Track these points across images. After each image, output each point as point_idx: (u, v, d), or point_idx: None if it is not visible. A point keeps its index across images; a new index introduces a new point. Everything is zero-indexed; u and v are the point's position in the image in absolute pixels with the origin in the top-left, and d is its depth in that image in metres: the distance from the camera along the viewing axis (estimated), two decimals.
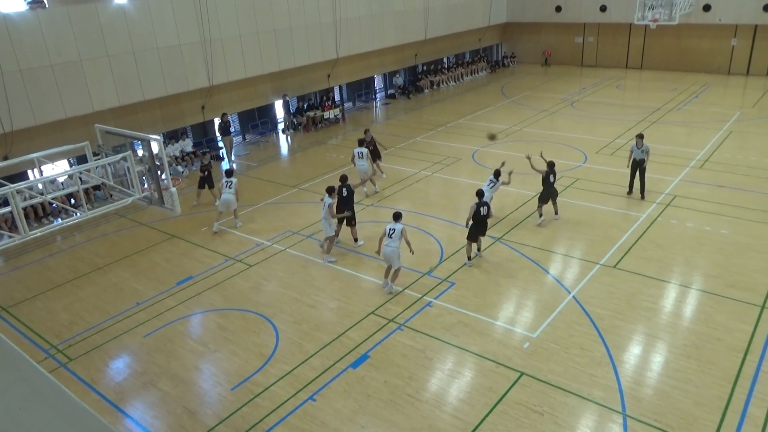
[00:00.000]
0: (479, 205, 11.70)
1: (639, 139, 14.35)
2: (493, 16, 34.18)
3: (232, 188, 14.08)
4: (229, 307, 11.04)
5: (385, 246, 10.90)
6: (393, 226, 10.99)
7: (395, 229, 10.90)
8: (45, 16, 15.03)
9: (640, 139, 14.36)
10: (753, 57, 29.86)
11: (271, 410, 8.28)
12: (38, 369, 1.93)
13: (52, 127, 15.95)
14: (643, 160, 14.30)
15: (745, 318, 9.79)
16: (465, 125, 23.18)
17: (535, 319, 10.10)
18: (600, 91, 28.23)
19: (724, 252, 12.03)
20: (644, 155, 14.29)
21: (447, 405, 8.22)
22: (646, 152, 14.30)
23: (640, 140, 14.34)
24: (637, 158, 14.34)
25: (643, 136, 14.48)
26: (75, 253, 13.86)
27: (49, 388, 1.89)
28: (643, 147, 14.28)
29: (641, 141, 14.33)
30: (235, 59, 19.97)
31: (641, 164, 14.35)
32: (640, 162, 14.32)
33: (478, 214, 11.69)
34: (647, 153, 14.34)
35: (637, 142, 14.36)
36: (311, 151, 21.31)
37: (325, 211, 12.25)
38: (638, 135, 14.49)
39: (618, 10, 31.81)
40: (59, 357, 9.86)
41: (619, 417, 7.80)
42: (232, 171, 14.74)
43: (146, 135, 9.20)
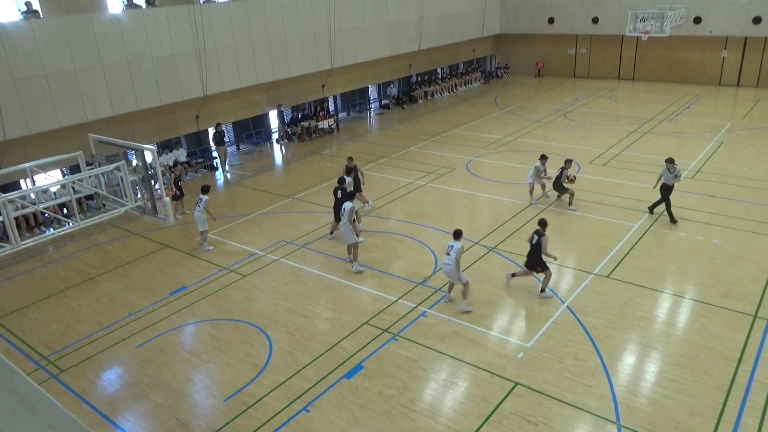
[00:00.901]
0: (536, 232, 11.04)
1: (670, 164, 13.66)
2: (487, 27, 34.45)
3: (200, 206, 13.48)
4: (222, 318, 10.98)
5: (444, 264, 10.62)
6: (452, 243, 10.50)
7: (453, 246, 10.42)
8: (39, 26, 15.03)
9: (671, 163, 13.67)
10: (743, 68, 30.20)
11: (265, 421, 8.21)
12: (24, 378, 1.91)
13: (45, 137, 15.91)
14: (673, 185, 13.76)
15: (738, 327, 9.82)
16: (459, 135, 23.28)
17: (529, 329, 10.09)
18: (592, 102, 28.45)
19: (717, 262, 12.09)
20: (675, 179, 13.69)
21: (441, 415, 8.18)
22: (677, 176, 13.70)
23: (672, 165, 13.67)
24: (668, 183, 13.69)
25: (674, 160, 13.76)
26: (67, 263, 13.77)
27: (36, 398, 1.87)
28: (675, 171, 13.66)
29: (673, 166, 13.67)
30: (230, 69, 20.02)
31: (672, 189, 13.79)
32: (672, 187, 13.75)
33: (531, 242, 11.06)
34: (678, 177, 13.74)
35: (668, 167, 13.68)
36: (305, 161, 21.33)
37: (347, 216, 12.07)
38: (668, 160, 13.76)
39: (610, 22, 32.15)
40: (50, 368, 9.76)
41: (614, 427, 7.79)
42: (207, 188, 13.86)
43: (140, 145, 9.19)
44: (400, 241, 13.85)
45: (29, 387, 1.88)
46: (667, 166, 13.70)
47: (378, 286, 11.74)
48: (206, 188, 13.88)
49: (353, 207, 12.23)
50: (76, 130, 16.34)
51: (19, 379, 1.88)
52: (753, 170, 17.49)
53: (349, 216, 12.07)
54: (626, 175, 17.47)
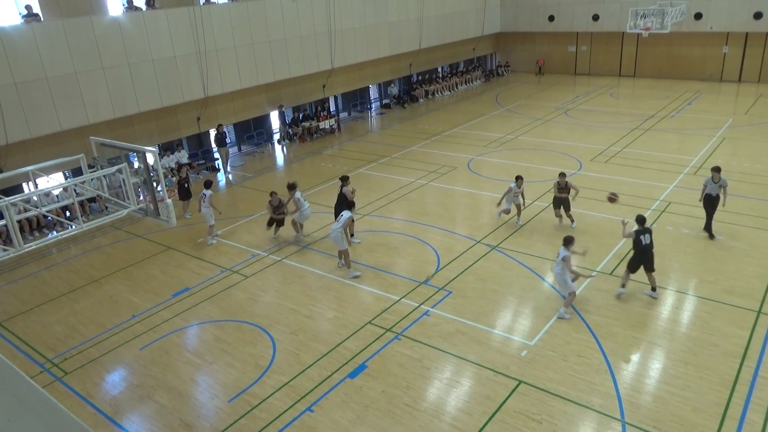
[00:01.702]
0: (640, 232, 10.50)
1: (716, 173, 12.61)
2: (487, 25, 34.42)
3: (205, 201, 13.85)
4: (226, 319, 10.99)
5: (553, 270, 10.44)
6: (560, 250, 10.22)
7: (559, 254, 10.20)
8: (40, 29, 15.06)
9: (716, 173, 12.61)
10: (744, 64, 30.12)
11: (269, 422, 8.22)
12: (27, 380, 1.91)
13: (47, 140, 15.94)
14: (718, 196, 12.72)
15: (742, 323, 9.79)
16: (460, 134, 23.27)
17: (533, 327, 10.08)
18: (593, 100, 28.40)
19: (720, 258, 12.06)
20: (720, 190, 12.67)
21: (445, 414, 8.18)
22: (723, 187, 12.63)
23: (717, 174, 12.60)
24: (712, 193, 12.69)
25: (720, 170, 12.69)
26: (70, 266, 13.80)
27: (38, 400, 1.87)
28: (720, 181, 12.58)
29: (718, 175, 12.59)
30: (230, 70, 20.03)
31: (716, 201, 12.75)
32: (716, 198, 12.73)
33: (640, 243, 10.51)
34: (724, 188, 12.64)
35: (714, 176, 12.63)
36: (307, 161, 21.33)
37: (341, 224, 11.94)
38: (714, 168, 12.71)
39: (610, 19, 32.09)
40: (54, 371, 9.78)
41: (618, 424, 7.78)
42: (209, 183, 14.27)
43: (141, 147, 9.19)
44: (403, 240, 13.85)
45: (31, 389, 1.89)
46: (712, 176, 12.64)
47: (380, 286, 11.74)
48: (208, 183, 14.21)
49: (350, 216, 12.18)
50: (77, 133, 16.38)
51: (22, 382, 1.88)
52: (755, 166, 17.44)
53: (344, 224, 11.93)
54: (628, 172, 17.44)
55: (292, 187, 13.65)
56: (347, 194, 13.44)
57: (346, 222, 11.95)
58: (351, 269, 12.18)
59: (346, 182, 13.66)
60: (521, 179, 13.87)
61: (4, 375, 1.85)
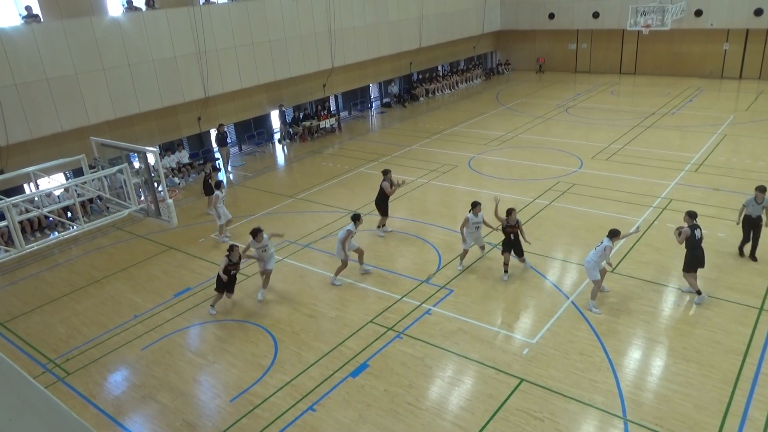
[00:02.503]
0: (694, 227, 10.26)
1: (760, 193, 11.48)
2: (487, 23, 34.38)
3: (219, 201, 14.06)
4: (227, 319, 11.00)
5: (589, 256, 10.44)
6: (604, 240, 10.24)
7: (603, 242, 10.21)
8: (40, 30, 15.07)
9: (761, 193, 11.47)
10: (745, 61, 30.07)
11: (271, 421, 8.22)
12: (29, 380, 1.91)
13: (48, 141, 15.96)
14: (760, 218, 11.58)
15: (744, 320, 9.78)
16: (461, 133, 23.25)
17: (534, 325, 10.08)
18: (594, 97, 28.36)
19: (722, 255, 12.05)
20: (763, 211, 11.55)
21: (447, 413, 8.18)
22: (766, 208, 11.53)
23: (761, 194, 11.47)
24: (753, 215, 11.56)
25: (766, 189, 11.47)
26: (72, 267, 13.81)
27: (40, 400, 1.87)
28: (764, 202, 11.46)
29: (762, 195, 11.47)
30: (231, 70, 20.03)
31: (758, 222, 11.59)
32: (757, 219, 11.58)
33: (694, 238, 10.24)
34: (767, 209, 11.51)
35: (757, 196, 11.52)
36: (307, 160, 21.33)
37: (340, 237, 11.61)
38: (759, 188, 11.53)
39: (611, 17, 32.04)
40: (57, 371, 9.80)
41: (620, 422, 7.77)
42: (219, 183, 14.50)
43: (142, 147, 9.20)
44: (404, 239, 13.84)
45: (33, 388, 1.88)
46: (755, 195, 11.52)
47: (382, 285, 11.74)
48: (219, 184, 14.44)
49: (349, 231, 11.49)
50: (78, 134, 16.38)
51: (23, 381, 1.88)
52: (756, 162, 17.42)
53: (344, 238, 11.51)
54: (629, 170, 17.42)
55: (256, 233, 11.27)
56: (385, 189, 13.51)
57: (344, 236, 11.50)
58: (361, 265, 12.16)
59: (386, 176, 13.59)
60: (479, 205, 11.83)
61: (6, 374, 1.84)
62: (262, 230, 11.13)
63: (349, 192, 17.26)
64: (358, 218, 11.70)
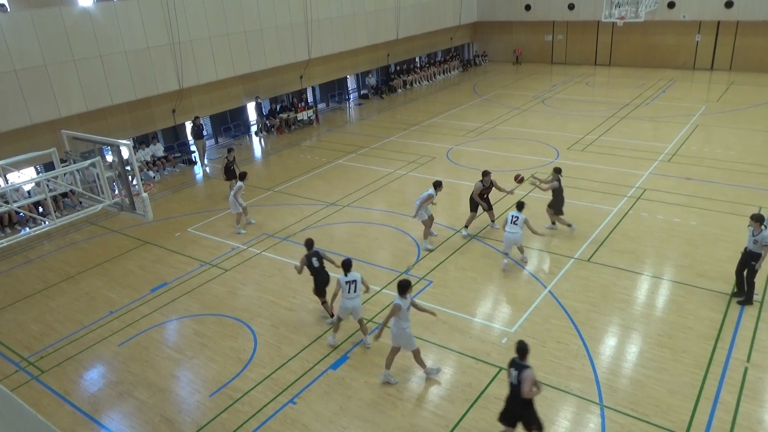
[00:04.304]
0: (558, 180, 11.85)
1: (755, 223, 9.73)
2: (464, 15, 34.42)
3: (234, 191, 13.97)
4: (206, 313, 10.90)
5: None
6: (515, 213, 11.47)
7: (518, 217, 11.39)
8: (7, 21, 14.63)
9: (756, 222, 9.71)
10: (716, 52, 30.63)
11: (251, 415, 8.20)
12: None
13: (17, 134, 15.55)
14: (753, 254, 9.83)
15: (715, 306, 10.03)
16: (439, 124, 23.30)
17: (513, 315, 10.20)
18: (570, 88, 28.65)
19: (694, 243, 12.32)
20: (758, 247, 9.72)
21: (428, 403, 8.25)
22: (762, 245, 9.66)
23: (758, 225, 9.69)
24: (748, 248, 9.93)
25: (763, 219, 9.69)
26: (44, 263, 13.53)
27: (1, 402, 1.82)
28: (760, 236, 9.65)
29: (759, 226, 9.68)
30: (206, 61, 19.73)
31: (750, 257, 9.87)
32: (749, 255, 9.90)
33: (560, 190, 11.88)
34: (765, 247, 9.64)
35: (753, 226, 9.79)
36: (285, 153, 21.17)
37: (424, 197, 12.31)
38: (754, 217, 9.79)
39: (586, 8, 32.33)
40: (30, 370, 9.61)
41: (597, 408, 7.92)
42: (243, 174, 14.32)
43: (115, 140, 9.01)
44: (383, 231, 13.86)
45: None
46: (751, 225, 9.85)
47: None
48: (243, 175, 14.18)
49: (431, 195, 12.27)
50: (49, 127, 16.01)
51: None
52: (727, 152, 17.80)
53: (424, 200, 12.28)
54: (604, 160, 17.66)
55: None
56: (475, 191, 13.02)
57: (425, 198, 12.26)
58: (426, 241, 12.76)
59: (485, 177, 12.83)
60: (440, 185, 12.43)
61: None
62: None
63: (327, 184, 17.19)
64: (439, 184, 12.40)
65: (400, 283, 8.18)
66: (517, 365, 6.77)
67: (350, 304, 9.25)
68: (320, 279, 10.15)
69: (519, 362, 6.78)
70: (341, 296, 9.31)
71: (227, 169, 16.29)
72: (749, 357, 8.73)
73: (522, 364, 6.73)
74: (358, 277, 9.29)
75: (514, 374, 6.76)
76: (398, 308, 8.12)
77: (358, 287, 9.25)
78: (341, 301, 9.33)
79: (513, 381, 6.79)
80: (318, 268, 10.09)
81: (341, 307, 9.34)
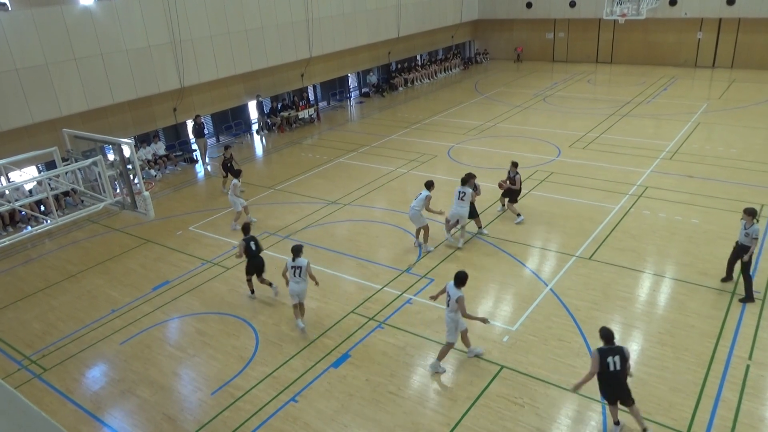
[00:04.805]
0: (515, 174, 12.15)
1: (747, 216, 9.88)
2: (465, 13, 34.37)
3: (232, 189, 14.19)
4: (207, 311, 10.91)
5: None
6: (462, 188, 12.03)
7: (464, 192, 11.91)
8: (8, 20, 14.63)
9: (749, 216, 9.85)
10: (718, 50, 30.56)
11: (253, 413, 8.21)
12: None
13: (18, 133, 15.57)
14: (744, 247, 9.94)
15: (717, 304, 10.02)
16: (440, 122, 23.28)
17: (514, 313, 10.20)
18: (571, 86, 28.60)
19: (695, 241, 12.30)
20: (749, 240, 9.84)
21: (429, 401, 8.25)
22: (752, 238, 9.80)
23: (750, 218, 9.84)
24: (740, 242, 10.07)
25: (755, 213, 9.88)
26: (46, 262, 13.55)
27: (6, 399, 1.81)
28: (751, 229, 9.79)
29: (751, 219, 9.83)
30: (207, 60, 19.73)
31: (742, 250, 9.98)
32: (741, 248, 10.02)
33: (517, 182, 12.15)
34: (754, 240, 9.80)
35: (745, 219, 9.95)
36: (286, 151, 21.17)
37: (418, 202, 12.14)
38: (747, 210, 9.94)
39: (587, 6, 32.27)
40: (33, 368, 9.63)
41: (598, 406, 7.92)
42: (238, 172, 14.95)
43: (117, 139, 9.02)
44: (384, 229, 13.86)
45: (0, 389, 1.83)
46: (743, 219, 10.00)
47: (362, 275, 11.75)
48: (237, 173, 14.80)
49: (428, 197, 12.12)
50: (50, 126, 16.02)
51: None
52: (728, 150, 17.77)
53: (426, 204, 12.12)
54: (606, 158, 17.64)
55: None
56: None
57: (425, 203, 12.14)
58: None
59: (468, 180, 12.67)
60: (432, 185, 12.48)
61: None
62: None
63: (328, 182, 17.19)
64: (431, 184, 12.33)
65: (460, 276, 8.45)
66: (615, 350, 7.00)
67: (295, 288, 9.80)
68: (255, 262, 10.97)
69: (615, 347, 7.04)
70: (289, 279, 9.86)
71: (224, 165, 16.40)
72: (751, 355, 8.73)
73: (619, 347, 7.04)
74: (303, 264, 9.72)
75: (615, 360, 6.95)
76: (463, 299, 8.43)
77: (302, 273, 9.71)
78: (289, 284, 9.88)
79: (617, 367, 6.97)
80: (254, 252, 10.91)
81: (289, 290, 9.91)
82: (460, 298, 8.36)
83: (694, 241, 12.27)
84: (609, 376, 7.02)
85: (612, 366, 6.96)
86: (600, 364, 6.96)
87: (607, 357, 6.97)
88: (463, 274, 8.49)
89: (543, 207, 14.36)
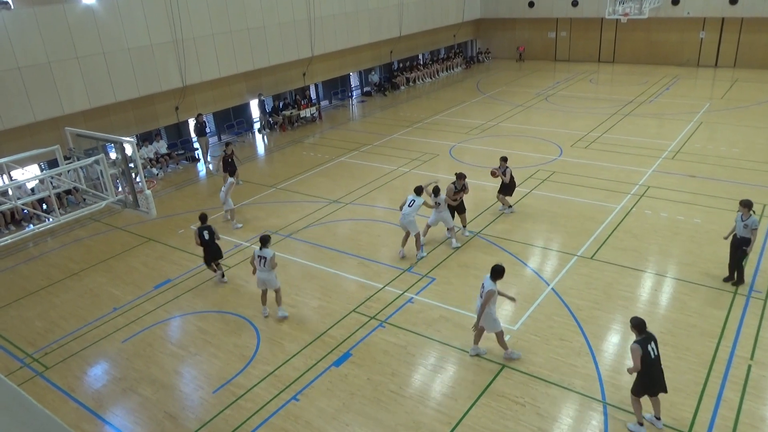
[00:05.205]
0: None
1: (743, 208, 10.01)
2: (467, 12, 34.34)
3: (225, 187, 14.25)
4: (209, 310, 10.93)
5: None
6: (413, 197, 11.83)
7: (414, 200, 11.77)
8: (10, 18, 14.66)
9: (745, 207, 9.99)
10: (721, 49, 30.50)
11: (254, 412, 8.22)
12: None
13: (21, 131, 15.59)
14: (743, 239, 10.10)
15: (719, 304, 10.01)
16: (442, 121, 23.27)
17: (516, 312, 10.19)
18: (573, 86, 28.57)
19: (697, 240, 12.28)
20: (748, 232, 10.01)
21: (430, 400, 8.26)
22: (751, 229, 9.96)
23: (746, 210, 9.98)
24: (738, 234, 10.19)
25: (751, 204, 10.04)
26: (48, 260, 13.58)
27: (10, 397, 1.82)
28: (749, 220, 9.94)
29: (747, 211, 9.97)
30: (209, 59, 19.74)
31: (741, 242, 10.13)
32: (740, 241, 10.15)
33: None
34: (753, 231, 9.96)
35: (742, 212, 10.06)
36: (288, 150, 21.18)
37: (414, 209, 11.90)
38: (742, 202, 10.08)
39: (589, 5, 32.22)
40: (35, 366, 9.66)
41: (600, 405, 7.92)
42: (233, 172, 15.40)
43: (119, 137, 9.04)
44: (386, 228, 13.86)
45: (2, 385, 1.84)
46: (740, 211, 10.11)
47: (364, 274, 11.76)
48: (232, 172, 15.36)
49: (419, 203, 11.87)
50: (52, 124, 16.04)
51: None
52: (731, 149, 17.74)
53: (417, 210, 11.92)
54: (608, 158, 17.62)
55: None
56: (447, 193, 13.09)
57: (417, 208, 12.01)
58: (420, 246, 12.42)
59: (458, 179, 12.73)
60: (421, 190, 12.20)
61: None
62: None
63: (330, 181, 17.20)
64: (420, 190, 12.12)
65: (497, 269, 8.51)
66: (650, 337, 7.11)
67: (262, 276, 10.18)
68: (210, 250, 11.48)
69: (650, 334, 7.14)
70: (256, 267, 10.18)
71: (225, 162, 16.43)
72: (753, 355, 8.72)
73: (651, 334, 7.16)
74: (268, 254, 10.00)
75: (653, 347, 7.07)
76: (492, 293, 8.46)
77: (267, 264, 10.00)
78: (256, 272, 10.23)
79: (657, 353, 7.11)
80: (209, 241, 11.36)
81: (256, 278, 10.31)
82: (490, 291, 8.41)
83: (696, 241, 12.25)
84: (651, 363, 7.04)
85: (653, 354, 7.02)
86: (643, 354, 6.97)
87: (647, 346, 7.00)
88: (500, 268, 8.52)
89: (545, 206, 14.34)
